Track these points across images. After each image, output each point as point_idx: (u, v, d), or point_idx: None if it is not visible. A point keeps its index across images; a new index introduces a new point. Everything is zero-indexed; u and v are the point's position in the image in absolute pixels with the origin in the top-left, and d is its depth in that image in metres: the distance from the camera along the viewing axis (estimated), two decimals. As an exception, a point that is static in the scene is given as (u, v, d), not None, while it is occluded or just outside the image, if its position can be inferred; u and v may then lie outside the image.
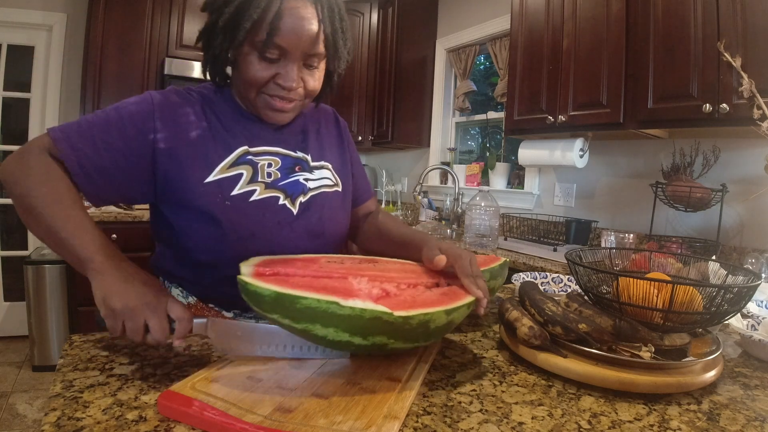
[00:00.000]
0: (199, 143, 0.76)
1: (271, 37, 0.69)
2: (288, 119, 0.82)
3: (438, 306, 0.58)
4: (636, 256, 0.94)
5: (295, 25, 0.70)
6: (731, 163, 1.71)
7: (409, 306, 0.56)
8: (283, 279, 0.58)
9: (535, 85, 2.09)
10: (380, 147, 3.45)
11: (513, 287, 1.15)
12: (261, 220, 0.78)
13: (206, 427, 0.46)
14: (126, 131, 0.72)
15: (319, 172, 0.88)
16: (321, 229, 0.85)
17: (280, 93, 0.75)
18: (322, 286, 0.56)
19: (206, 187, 0.75)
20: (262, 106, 0.78)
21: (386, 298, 0.59)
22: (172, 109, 0.76)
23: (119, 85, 2.88)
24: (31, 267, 2.60)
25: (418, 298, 0.61)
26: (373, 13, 3.31)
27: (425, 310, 0.56)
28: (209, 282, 0.82)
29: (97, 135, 0.71)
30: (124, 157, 0.72)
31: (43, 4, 2.96)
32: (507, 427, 0.50)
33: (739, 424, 0.53)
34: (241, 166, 0.78)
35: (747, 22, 1.38)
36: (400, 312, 0.54)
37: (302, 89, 0.77)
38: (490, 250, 2.00)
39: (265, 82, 0.74)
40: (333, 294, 0.53)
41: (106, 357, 0.63)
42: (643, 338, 0.63)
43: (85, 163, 0.70)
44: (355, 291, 0.58)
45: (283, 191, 0.81)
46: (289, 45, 0.71)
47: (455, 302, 0.60)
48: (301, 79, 0.76)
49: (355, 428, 0.45)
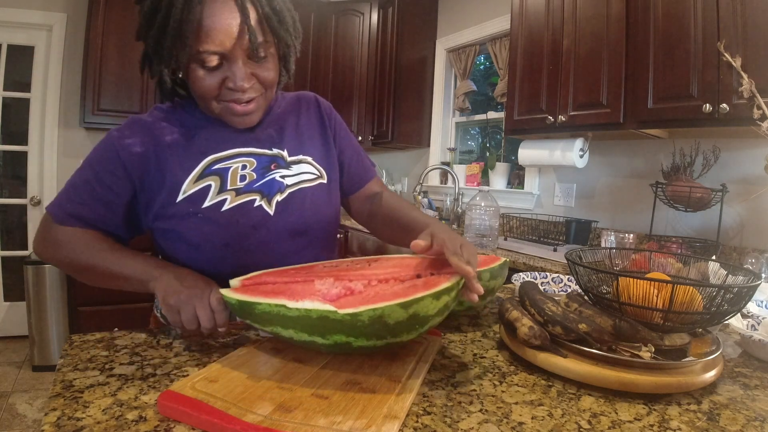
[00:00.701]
0: (163, 166, 0.77)
1: (198, 45, 0.67)
2: (256, 119, 0.80)
3: (393, 299, 0.54)
4: (636, 256, 0.94)
5: (216, 26, 0.67)
6: (731, 163, 1.71)
7: (366, 302, 0.54)
8: (254, 288, 0.62)
9: (535, 85, 2.09)
10: (380, 147, 3.45)
11: (513, 287, 1.15)
12: (234, 227, 0.77)
13: (206, 427, 0.46)
14: (103, 181, 0.76)
15: (297, 167, 0.85)
16: (303, 226, 0.84)
17: (234, 96, 0.73)
18: (282, 290, 0.59)
19: (178, 207, 0.76)
20: (224, 114, 0.76)
21: (347, 297, 0.59)
22: (129, 142, 0.76)
23: (119, 85, 2.88)
24: (31, 267, 2.60)
25: (380, 293, 0.58)
26: (373, 13, 3.31)
27: (374, 305, 0.53)
28: None
29: (83, 194, 0.76)
30: (117, 198, 0.77)
31: (43, 4, 2.96)
32: (507, 427, 0.50)
33: (739, 424, 0.53)
34: (208, 177, 0.77)
35: (747, 22, 1.38)
36: (347, 309, 0.53)
37: (257, 84, 0.75)
38: (490, 250, 2.00)
39: (217, 89, 0.72)
40: (286, 297, 0.56)
41: (106, 357, 0.63)
42: (643, 338, 0.63)
43: (89, 220, 0.77)
44: (312, 292, 0.59)
45: (258, 192, 0.80)
46: (221, 46, 0.68)
47: (418, 293, 0.54)
48: (252, 74, 0.73)
49: (355, 428, 0.45)
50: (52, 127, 3.05)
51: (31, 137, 3.05)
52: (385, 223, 0.92)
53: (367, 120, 3.36)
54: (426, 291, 0.55)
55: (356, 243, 2.83)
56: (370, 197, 0.97)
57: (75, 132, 3.11)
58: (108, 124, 2.90)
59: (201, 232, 0.76)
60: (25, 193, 3.08)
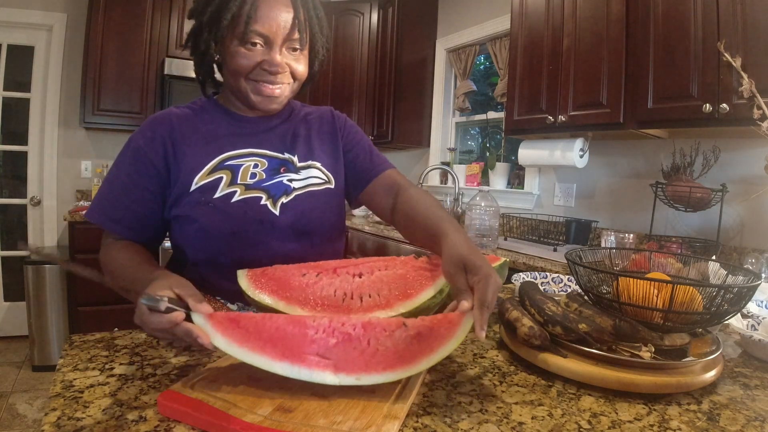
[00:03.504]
0: (181, 157, 0.82)
1: (249, 25, 0.75)
2: (278, 105, 0.85)
3: (393, 359, 0.52)
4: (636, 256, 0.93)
5: (270, 13, 0.76)
6: (731, 163, 1.71)
7: (367, 361, 0.52)
8: (234, 330, 0.55)
9: (535, 85, 2.09)
10: (380, 147, 3.44)
11: (513, 287, 1.15)
12: (242, 219, 0.81)
13: (206, 427, 0.46)
14: (138, 183, 0.81)
15: (305, 172, 0.89)
16: (307, 228, 0.86)
17: (267, 78, 0.80)
18: (271, 337, 0.54)
19: (191, 195, 0.81)
20: (252, 93, 0.81)
21: (345, 348, 0.54)
22: (150, 136, 0.82)
23: (119, 85, 2.88)
24: (31, 267, 2.60)
25: (380, 338, 0.54)
26: (373, 13, 3.31)
27: (375, 375, 0.51)
28: (211, 279, 0.84)
29: (121, 197, 0.82)
30: (152, 196, 0.82)
31: (43, 4, 2.96)
32: (507, 427, 0.50)
33: (739, 424, 0.53)
34: (221, 171, 0.82)
35: (747, 22, 1.38)
36: (347, 380, 0.51)
37: (289, 73, 0.82)
38: (490, 250, 2.00)
39: (252, 68, 0.79)
40: (278, 353, 0.52)
41: (106, 357, 0.63)
42: (643, 338, 0.63)
43: (127, 223, 0.82)
44: (305, 344, 0.53)
45: (265, 191, 0.84)
46: (269, 31, 0.77)
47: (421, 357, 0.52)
48: (287, 64, 0.81)
49: (355, 428, 0.45)
50: (52, 127, 3.05)
51: (31, 137, 3.05)
52: (405, 221, 0.87)
53: (367, 120, 3.36)
54: (427, 355, 0.53)
55: (356, 243, 2.83)
56: (389, 188, 0.93)
57: (75, 132, 3.11)
58: (108, 124, 2.90)
59: (211, 219, 0.80)
60: (25, 193, 3.08)
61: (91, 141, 3.17)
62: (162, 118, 0.84)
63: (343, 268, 0.71)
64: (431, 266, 0.71)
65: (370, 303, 0.65)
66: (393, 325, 0.55)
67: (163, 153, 0.81)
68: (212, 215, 0.80)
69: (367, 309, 0.64)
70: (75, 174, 3.15)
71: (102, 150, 3.20)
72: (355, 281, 0.69)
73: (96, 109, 2.84)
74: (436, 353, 0.53)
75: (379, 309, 0.64)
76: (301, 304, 0.65)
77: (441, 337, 0.54)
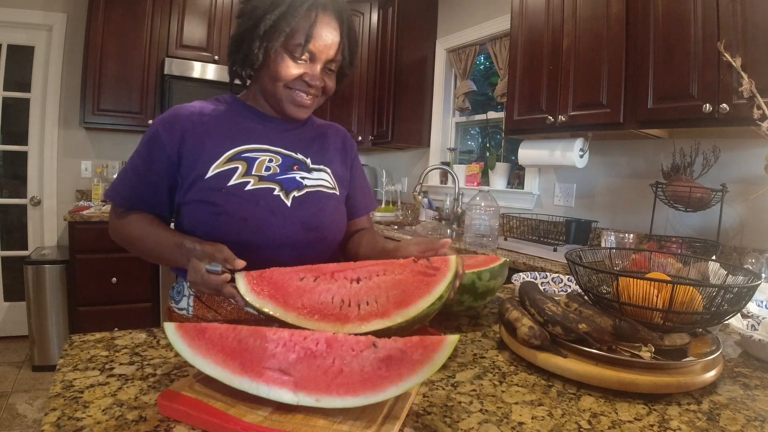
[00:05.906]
0: (200, 147, 0.86)
1: (307, 43, 0.82)
2: (306, 114, 0.92)
3: (358, 382, 0.48)
4: (636, 256, 0.94)
5: (325, 35, 0.84)
6: (731, 163, 1.71)
7: (329, 383, 0.49)
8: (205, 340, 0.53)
9: (535, 85, 2.09)
10: (380, 147, 3.45)
11: (513, 287, 1.15)
12: (255, 206, 0.84)
13: (206, 427, 0.46)
14: (151, 167, 0.86)
15: (317, 174, 0.94)
16: (317, 222, 0.90)
17: (304, 89, 0.87)
18: (235, 350, 0.52)
19: (206, 182, 0.84)
20: (286, 99, 0.87)
21: (307, 364, 0.50)
22: (171, 123, 0.87)
23: (119, 85, 2.88)
24: (31, 267, 2.60)
25: (344, 370, 0.49)
26: (373, 13, 3.31)
27: (336, 399, 0.47)
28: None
29: (134, 178, 0.88)
30: (162, 180, 0.87)
31: (43, 4, 2.96)
32: (507, 427, 0.50)
33: (739, 424, 0.53)
34: (237, 161, 0.86)
35: (747, 22, 1.38)
36: (306, 400, 0.48)
37: (320, 89, 0.89)
38: (490, 250, 2.00)
39: (294, 78, 0.85)
40: (242, 373, 0.50)
41: (106, 357, 0.63)
42: (643, 338, 0.63)
43: (135, 201, 0.88)
44: (266, 365, 0.50)
45: (278, 184, 0.88)
46: (318, 51, 0.84)
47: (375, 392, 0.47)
48: (322, 79, 0.88)
49: (355, 428, 0.45)
50: (52, 127, 3.05)
51: (31, 137, 3.05)
52: (358, 238, 1.00)
53: (367, 120, 3.36)
54: (395, 383, 0.47)
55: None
56: (358, 230, 1.05)
57: (75, 132, 3.11)
58: (108, 124, 2.90)
59: (225, 202, 0.83)
60: (25, 193, 3.08)
61: (91, 141, 3.17)
62: (187, 111, 0.88)
63: (340, 272, 0.69)
64: (431, 270, 0.70)
65: (367, 311, 0.64)
66: (362, 344, 0.51)
67: (179, 144, 0.85)
68: (225, 199, 0.83)
69: (364, 318, 0.62)
70: (75, 174, 3.15)
71: (102, 150, 3.20)
72: (353, 287, 0.68)
73: (96, 109, 2.84)
74: (404, 381, 0.47)
75: (376, 318, 0.62)
76: (297, 310, 0.64)
77: (413, 362, 0.47)
